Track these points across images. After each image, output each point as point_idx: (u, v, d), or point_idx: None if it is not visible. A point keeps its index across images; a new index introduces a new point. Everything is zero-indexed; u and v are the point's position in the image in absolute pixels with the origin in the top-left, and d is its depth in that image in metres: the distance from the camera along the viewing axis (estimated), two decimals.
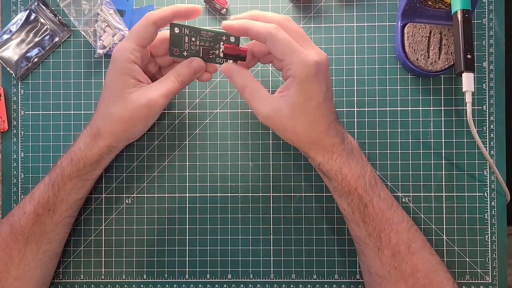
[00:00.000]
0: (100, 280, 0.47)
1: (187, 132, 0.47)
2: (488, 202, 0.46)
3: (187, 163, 0.47)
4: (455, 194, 0.46)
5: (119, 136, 0.41)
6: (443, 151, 0.46)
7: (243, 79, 0.40)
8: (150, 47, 0.41)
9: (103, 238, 0.47)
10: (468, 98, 0.40)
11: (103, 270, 0.47)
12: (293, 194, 0.47)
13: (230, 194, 0.47)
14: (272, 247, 0.47)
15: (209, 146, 0.47)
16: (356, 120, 0.47)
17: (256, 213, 0.47)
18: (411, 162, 0.46)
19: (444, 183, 0.46)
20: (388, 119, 0.46)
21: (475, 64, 0.46)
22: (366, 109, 0.47)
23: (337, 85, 0.47)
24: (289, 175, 0.47)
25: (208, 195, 0.47)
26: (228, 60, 0.41)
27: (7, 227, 0.42)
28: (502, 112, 0.46)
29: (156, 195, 0.47)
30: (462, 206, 0.46)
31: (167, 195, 0.47)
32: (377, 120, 0.47)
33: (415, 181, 0.46)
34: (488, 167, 0.46)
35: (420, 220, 0.46)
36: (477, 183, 0.46)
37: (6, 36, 0.47)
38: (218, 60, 0.41)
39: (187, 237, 0.47)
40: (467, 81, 0.39)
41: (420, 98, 0.47)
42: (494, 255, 0.46)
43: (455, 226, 0.46)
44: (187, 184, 0.47)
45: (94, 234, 0.47)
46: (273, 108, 0.38)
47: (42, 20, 0.47)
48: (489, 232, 0.46)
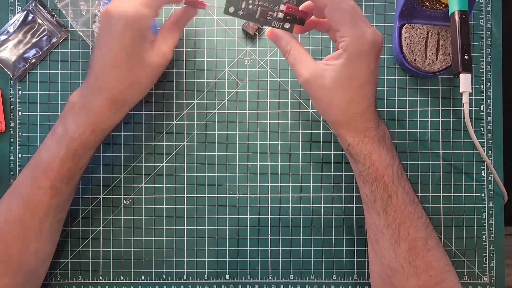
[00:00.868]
0: (98, 281, 0.47)
1: (185, 133, 0.47)
2: (486, 203, 0.46)
3: (185, 164, 0.47)
4: (452, 194, 0.46)
5: (140, 98, 0.42)
6: (441, 151, 0.46)
7: (287, 43, 0.39)
8: None
9: (101, 239, 0.47)
10: (465, 99, 0.40)
11: (101, 271, 0.47)
12: (291, 195, 0.47)
13: (228, 195, 0.47)
14: (270, 248, 0.47)
15: (207, 147, 0.47)
16: None
17: (254, 213, 0.47)
18: (408, 162, 0.46)
19: (441, 184, 0.46)
20: (385, 120, 0.47)
21: (473, 65, 0.46)
22: None
23: None
24: (287, 176, 0.47)
25: (206, 196, 0.47)
26: (286, 23, 0.39)
27: (19, 203, 0.40)
28: (499, 113, 0.46)
29: (154, 196, 0.47)
30: (460, 206, 0.46)
31: (165, 196, 0.47)
32: None
33: (413, 181, 0.46)
34: (485, 167, 0.46)
35: None
36: (474, 183, 0.46)
37: (3, 37, 0.47)
38: (274, 24, 0.39)
39: (185, 238, 0.47)
40: (465, 82, 0.39)
41: (418, 98, 0.47)
42: (492, 255, 0.46)
43: (453, 227, 0.46)
44: (185, 185, 0.47)
45: (92, 235, 0.47)
46: (315, 74, 0.37)
47: (39, 21, 0.47)
48: (486, 232, 0.46)
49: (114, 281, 0.47)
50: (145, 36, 0.39)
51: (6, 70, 0.47)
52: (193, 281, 0.47)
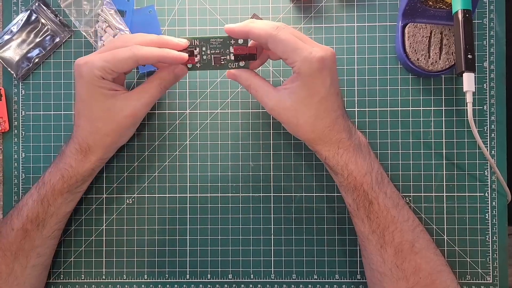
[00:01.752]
0: (101, 280, 0.47)
1: (188, 132, 0.47)
2: (489, 202, 0.46)
3: (188, 163, 0.47)
4: (455, 194, 0.46)
5: (110, 148, 0.42)
6: (444, 151, 0.46)
7: (246, 79, 0.41)
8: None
9: (104, 238, 0.47)
10: (469, 98, 0.40)
11: (104, 270, 0.47)
12: (293, 194, 0.47)
13: (230, 194, 0.47)
14: (272, 247, 0.47)
15: (209, 146, 0.47)
16: (357, 120, 0.47)
17: (257, 213, 0.47)
18: (411, 162, 0.46)
19: (444, 183, 0.46)
20: (388, 119, 0.46)
21: (476, 64, 0.46)
22: (367, 109, 0.47)
23: None
24: (289, 175, 0.47)
25: (209, 195, 0.47)
26: (240, 62, 0.41)
27: None
28: (503, 112, 0.46)
29: (156, 195, 0.47)
30: (463, 206, 0.46)
31: (167, 195, 0.47)
32: (377, 120, 0.47)
33: (416, 181, 0.46)
34: (489, 167, 0.46)
35: (421, 220, 0.46)
36: (478, 183, 0.46)
37: (7, 37, 0.47)
38: (230, 65, 0.42)
39: (188, 237, 0.47)
40: (468, 81, 0.39)
41: (421, 98, 0.47)
42: (495, 255, 0.46)
43: (456, 226, 0.46)
44: (188, 184, 0.47)
45: (95, 234, 0.47)
46: (277, 100, 0.39)
47: (43, 20, 0.48)
48: (490, 232, 0.46)
49: (117, 280, 0.47)
50: (100, 87, 0.38)
51: (9, 69, 0.47)
52: (195, 280, 0.47)
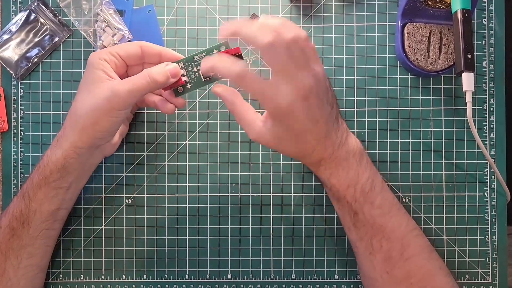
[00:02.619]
0: (100, 280, 0.47)
1: (187, 132, 0.47)
2: (489, 202, 0.46)
3: (187, 163, 0.47)
4: (455, 194, 0.46)
5: (83, 133, 0.38)
6: (443, 150, 0.46)
7: (230, 103, 0.39)
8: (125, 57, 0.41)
9: (103, 238, 0.47)
10: (468, 98, 0.40)
11: (103, 270, 0.47)
12: (293, 194, 0.47)
13: (230, 194, 0.47)
14: (272, 247, 0.47)
15: (209, 146, 0.47)
16: (356, 119, 0.47)
17: (256, 213, 0.47)
18: (411, 161, 0.46)
19: (444, 183, 0.46)
20: (388, 119, 0.46)
21: (475, 64, 0.46)
22: (366, 108, 0.47)
23: (337, 85, 0.47)
24: (289, 175, 0.47)
25: (208, 195, 0.47)
26: (215, 83, 0.41)
27: None
28: (502, 112, 0.46)
29: (156, 195, 0.47)
30: (462, 206, 0.46)
31: (167, 195, 0.47)
32: (377, 120, 0.47)
33: (415, 180, 0.46)
34: (488, 167, 0.46)
35: (420, 220, 0.46)
36: (477, 183, 0.46)
37: (6, 36, 0.47)
38: (219, 76, 0.41)
39: (187, 237, 0.47)
40: (467, 80, 0.39)
41: (420, 97, 0.47)
42: (495, 255, 0.46)
43: (455, 226, 0.46)
44: (187, 184, 0.47)
45: (94, 234, 0.47)
46: (258, 135, 0.39)
47: (42, 20, 0.47)
48: (489, 232, 0.46)
49: (116, 280, 0.47)
50: (98, 66, 0.39)
51: (8, 69, 0.47)
52: (195, 280, 0.47)
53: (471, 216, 0.46)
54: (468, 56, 0.39)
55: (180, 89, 0.41)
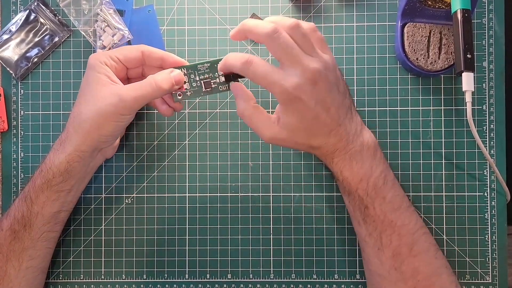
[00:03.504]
0: (100, 280, 0.47)
1: (187, 132, 0.47)
2: (488, 202, 0.46)
3: (187, 163, 0.47)
4: (455, 193, 0.46)
5: (87, 137, 0.39)
6: (443, 150, 0.46)
7: (243, 104, 0.39)
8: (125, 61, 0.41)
9: (103, 238, 0.47)
10: (468, 98, 0.40)
11: (103, 270, 0.47)
12: (292, 194, 0.47)
13: (230, 194, 0.47)
14: (272, 247, 0.47)
15: (209, 146, 0.47)
16: None
17: (256, 213, 0.47)
18: (411, 161, 0.46)
19: (444, 183, 0.46)
20: (388, 119, 0.46)
21: (475, 64, 0.46)
22: (366, 108, 0.47)
23: None
24: (288, 175, 0.47)
25: (208, 195, 0.47)
26: (230, 81, 0.41)
27: None
28: (502, 112, 0.46)
29: (156, 195, 0.47)
30: (462, 205, 0.46)
31: (167, 195, 0.47)
32: (377, 119, 0.47)
33: (415, 180, 0.46)
34: (488, 166, 0.46)
35: None
36: (477, 182, 0.46)
37: (6, 36, 0.47)
38: (221, 88, 0.42)
39: (187, 237, 0.47)
40: (467, 80, 0.39)
41: (420, 97, 0.47)
42: (494, 255, 0.46)
43: (455, 226, 0.46)
44: (187, 184, 0.47)
45: (94, 234, 0.47)
46: (272, 132, 0.38)
47: (42, 20, 0.47)
48: (489, 231, 0.46)
49: (116, 280, 0.47)
50: (100, 70, 0.39)
51: (8, 69, 0.47)
52: (195, 280, 0.47)
53: (471, 216, 0.46)
54: (468, 56, 0.39)
55: (180, 94, 0.42)
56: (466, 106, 0.40)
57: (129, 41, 0.47)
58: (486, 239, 0.46)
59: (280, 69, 0.36)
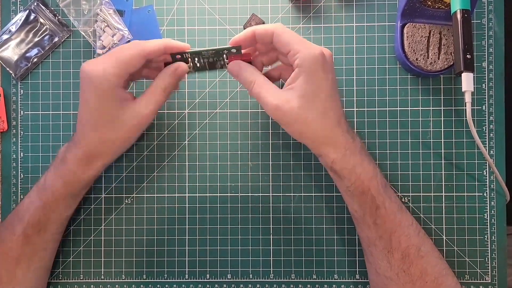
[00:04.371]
0: (100, 280, 0.47)
1: (187, 132, 0.47)
2: (488, 202, 0.46)
3: (187, 163, 0.47)
4: (454, 194, 0.46)
5: (115, 155, 0.41)
6: (443, 151, 0.46)
7: (251, 74, 0.39)
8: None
9: (103, 238, 0.47)
10: (467, 98, 0.40)
11: (102, 270, 0.47)
12: (292, 194, 0.47)
13: (229, 194, 0.47)
14: (271, 247, 0.47)
15: (208, 146, 0.47)
16: (355, 120, 0.47)
17: (256, 213, 0.47)
18: (410, 162, 0.46)
19: (443, 183, 0.46)
20: (387, 119, 0.46)
21: (475, 64, 0.46)
22: (366, 109, 0.47)
23: None
24: (288, 175, 0.47)
25: (208, 195, 0.47)
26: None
27: None
28: (502, 112, 0.46)
29: (155, 195, 0.47)
30: (462, 206, 0.46)
31: (166, 195, 0.47)
32: (376, 120, 0.47)
33: (415, 181, 0.46)
34: (487, 167, 0.46)
35: (420, 220, 0.46)
36: (476, 183, 0.46)
37: (5, 36, 0.47)
38: (225, 67, 0.42)
39: (187, 237, 0.47)
40: (467, 81, 0.39)
41: (420, 98, 0.47)
42: (494, 255, 0.46)
43: (455, 226, 0.46)
44: (187, 184, 0.47)
45: (94, 234, 0.47)
46: (282, 99, 0.37)
47: (41, 20, 0.47)
48: (488, 232, 0.46)
49: (115, 280, 0.47)
50: (111, 96, 0.38)
51: (8, 69, 0.47)
52: (194, 280, 0.47)
53: (470, 216, 0.46)
54: (468, 56, 0.39)
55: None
56: (465, 107, 0.40)
57: (128, 41, 0.47)
58: (486, 239, 0.46)
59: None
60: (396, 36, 0.45)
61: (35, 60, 0.47)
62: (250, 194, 0.47)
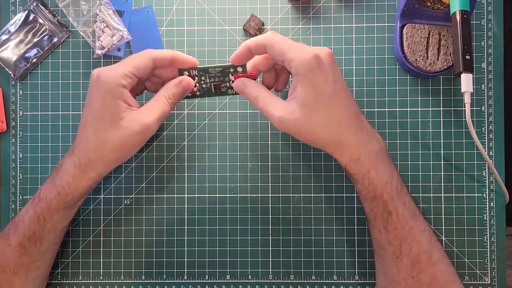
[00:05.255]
0: (99, 281, 0.47)
1: (186, 132, 0.47)
2: (487, 203, 0.46)
3: (186, 164, 0.47)
4: (454, 195, 0.46)
5: (111, 165, 0.40)
6: (442, 152, 0.46)
7: (254, 89, 0.39)
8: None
9: (102, 239, 0.47)
10: (466, 99, 0.40)
11: (101, 271, 0.47)
12: (291, 195, 0.47)
13: (228, 195, 0.47)
14: (270, 248, 0.47)
15: (208, 147, 0.47)
16: None
17: (255, 214, 0.47)
18: (410, 163, 0.46)
19: (443, 184, 0.46)
20: (386, 120, 0.46)
21: (474, 65, 0.46)
22: (365, 109, 0.47)
23: None
24: (287, 176, 0.47)
25: (207, 195, 0.47)
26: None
27: None
28: (501, 113, 0.46)
29: (154, 196, 0.47)
30: (461, 207, 0.46)
31: (165, 195, 0.47)
32: (375, 121, 0.47)
33: (414, 181, 0.46)
34: (487, 167, 0.46)
35: None
36: (476, 184, 0.46)
37: (4, 37, 0.47)
38: (230, 92, 0.43)
39: (186, 237, 0.47)
40: (466, 82, 0.39)
41: (419, 99, 0.47)
42: (493, 256, 0.46)
43: (454, 227, 0.46)
44: (186, 185, 0.47)
45: (93, 235, 0.47)
46: (285, 111, 0.37)
47: (40, 20, 0.47)
48: (488, 233, 0.46)
49: (114, 281, 0.47)
50: (116, 97, 0.38)
51: (7, 69, 0.47)
52: (193, 281, 0.47)
53: (469, 217, 0.46)
54: (467, 57, 0.39)
55: (189, 95, 0.42)
56: (465, 107, 0.40)
57: (128, 41, 0.47)
58: (485, 240, 0.46)
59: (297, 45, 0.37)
60: (396, 37, 0.45)
61: (34, 60, 0.47)
62: (249, 195, 0.47)
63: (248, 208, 0.47)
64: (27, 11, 0.47)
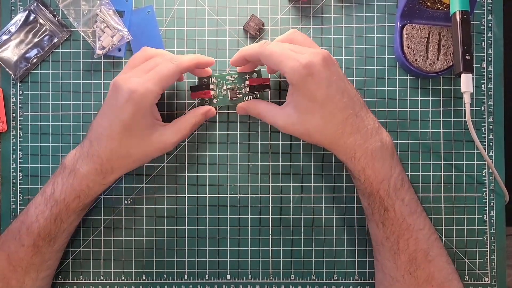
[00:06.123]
0: (99, 281, 0.47)
1: None
2: (487, 203, 0.46)
3: (186, 164, 0.47)
4: (453, 195, 0.46)
5: (130, 169, 0.43)
6: (442, 152, 0.46)
7: (254, 108, 0.43)
8: None
9: (102, 239, 0.47)
10: (466, 99, 0.40)
11: (102, 271, 0.47)
12: (292, 195, 0.47)
13: (229, 195, 0.47)
14: (271, 248, 0.47)
15: (208, 146, 0.47)
16: None
17: (255, 213, 0.47)
18: (409, 163, 0.46)
19: (442, 184, 0.46)
20: (387, 120, 0.47)
21: (474, 65, 0.46)
22: None
23: None
24: (288, 176, 0.47)
25: (207, 195, 0.47)
26: (255, 93, 0.45)
27: (3, 258, 0.41)
28: (501, 113, 0.46)
29: (155, 196, 0.47)
30: (461, 207, 0.46)
31: (166, 195, 0.47)
32: None
33: (414, 181, 0.46)
34: (486, 167, 0.46)
35: None
36: (475, 184, 0.46)
37: (5, 37, 0.47)
38: (245, 99, 0.45)
39: (186, 237, 0.47)
40: (466, 82, 0.39)
41: (419, 99, 0.47)
42: (493, 256, 0.46)
43: (454, 227, 0.46)
44: (186, 185, 0.47)
45: (93, 235, 0.47)
46: (284, 119, 0.40)
47: (41, 20, 0.48)
48: (487, 233, 0.46)
49: (115, 281, 0.47)
50: (147, 114, 0.40)
51: (7, 70, 0.47)
52: (194, 281, 0.47)
53: (469, 217, 0.46)
54: (467, 57, 0.39)
55: (207, 101, 0.45)
56: (464, 107, 0.40)
57: (128, 41, 0.47)
58: (485, 240, 0.46)
59: (292, 54, 0.38)
60: (396, 37, 0.45)
61: (35, 60, 0.47)
62: (250, 195, 0.47)
63: (249, 208, 0.47)
64: (27, 11, 0.47)
